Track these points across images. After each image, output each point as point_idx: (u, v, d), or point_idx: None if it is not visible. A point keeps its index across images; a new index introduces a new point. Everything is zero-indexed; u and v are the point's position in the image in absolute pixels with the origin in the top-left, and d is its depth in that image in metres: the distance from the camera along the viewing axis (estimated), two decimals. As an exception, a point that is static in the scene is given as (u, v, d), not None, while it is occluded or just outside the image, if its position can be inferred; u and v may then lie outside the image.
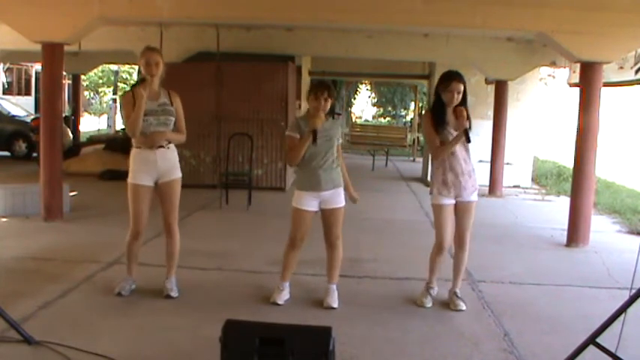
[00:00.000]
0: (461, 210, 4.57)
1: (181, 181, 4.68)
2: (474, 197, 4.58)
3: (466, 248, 4.63)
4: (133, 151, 4.54)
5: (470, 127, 4.42)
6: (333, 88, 4.60)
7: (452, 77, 4.48)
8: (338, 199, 4.53)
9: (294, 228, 4.51)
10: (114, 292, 4.58)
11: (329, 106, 4.45)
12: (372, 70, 15.81)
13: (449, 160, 4.48)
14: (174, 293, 4.62)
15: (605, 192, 11.22)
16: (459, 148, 4.49)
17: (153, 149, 4.48)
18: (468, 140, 4.41)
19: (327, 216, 4.53)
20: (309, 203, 4.47)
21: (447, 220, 4.55)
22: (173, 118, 4.57)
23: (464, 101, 4.49)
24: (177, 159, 4.65)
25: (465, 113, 4.39)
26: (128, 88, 4.58)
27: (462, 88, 4.45)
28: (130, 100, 4.45)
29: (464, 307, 4.58)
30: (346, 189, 4.62)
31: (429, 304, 4.60)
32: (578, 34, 6.57)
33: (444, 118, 4.48)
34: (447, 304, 4.66)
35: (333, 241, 4.57)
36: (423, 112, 19.32)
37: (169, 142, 4.57)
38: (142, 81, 4.54)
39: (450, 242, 4.64)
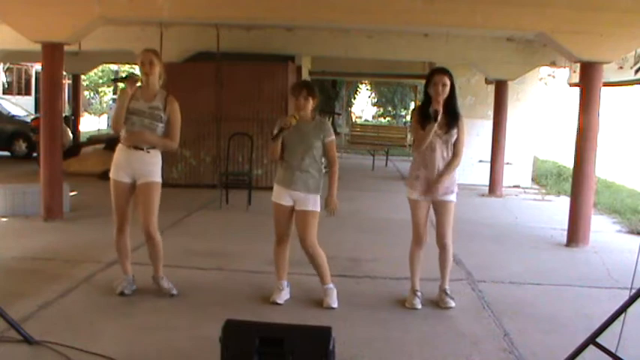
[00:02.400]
0: (436, 209, 4.59)
1: (160, 187, 4.57)
2: (451, 197, 4.55)
3: (448, 249, 4.61)
4: (117, 147, 4.57)
5: (440, 111, 4.34)
6: (313, 87, 4.56)
7: (434, 71, 4.55)
8: (310, 202, 4.44)
9: (274, 223, 4.56)
10: (116, 292, 4.58)
11: (311, 105, 4.44)
12: (372, 70, 15.80)
13: (425, 156, 4.49)
14: (174, 291, 4.63)
15: (605, 192, 11.22)
16: (439, 146, 4.47)
17: (131, 148, 4.46)
18: (435, 119, 4.33)
19: (297, 217, 4.49)
20: (283, 198, 4.47)
21: (420, 214, 4.57)
22: (160, 124, 4.48)
23: (452, 97, 4.47)
24: (156, 164, 4.54)
25: (440, 99, 4.36)
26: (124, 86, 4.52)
27: (447, 81, 4.42)
28: (123, 97, 4.43)
29: (453, 305, 4.58)
30: (329, 192, 4.45)
31: (419, 306, 4.59)
32: (578, 34, 6.57)
33: (427, 113, 4.46)
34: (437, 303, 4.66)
35: (303, 245, 4.49)
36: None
37: (151, 147, 4.47)
38: (128, 77, 4.48)
39: (426, 237, 4.64)
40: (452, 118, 4.47)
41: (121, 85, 4.72)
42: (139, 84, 4.43)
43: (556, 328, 4.31)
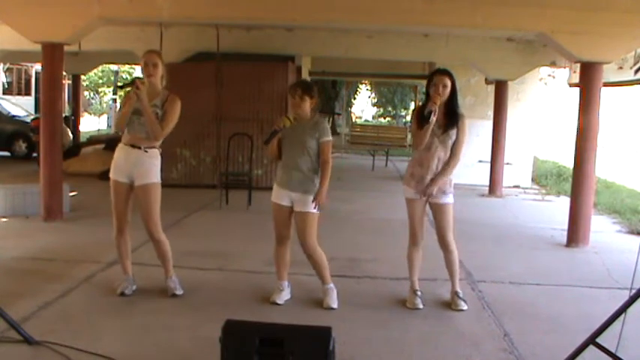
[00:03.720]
0: (434, 211, 4.59)
1: (159, 187, 4.55)
2: (447, 199, 4.54)
3: (451, 250, 4.61)
4: (117, 146, 4.57)
5: (434, 112, 4.32)
6: (310, 86, 4.55)
7: (435, 71, 4.54)
8: (308, 204, 4.41)
9: (274, 222, 4.55)
10: (116, 293, 4.58)
11: (308, 105, 4.43)
12: (372, 70, 15.81)
13: (422, 155, 4.49)
14: (178, 291, 4.63)
15: (605, 192, 11.23)
16: (438, 147, 4.46)
17: (129, 147, 4.45)
18: (427, 117, 4.33)
19: (295, 219, 4.49)
20: (282, 198, 4.47)
21: (415, 213, 4.58)
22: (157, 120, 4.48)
23: (452, 98, 4.46)
24: (154, 165, 4.51)
25: (437, 100, 4.35)
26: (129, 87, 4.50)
27: (448, 82, 4.42)
28: (127, 99, 4.44)
29: (465, 307, 4.58)
30: (317, 193, 4.37)
31: (421, 305, 4.59)
32: (578, 34, 6.57)
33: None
34: (448, 304, 4.66)
35: (303, 247, 4.49)
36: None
37: (150, 147, 4.47)
38: (132, 82, 4.45)
39: (422, 236, 4.65)
40: (451, 118, 4.46)
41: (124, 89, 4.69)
42: (144, 82, 4.42)
43: (556, 328, 4.31)
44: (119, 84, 4.53)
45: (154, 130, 4.42)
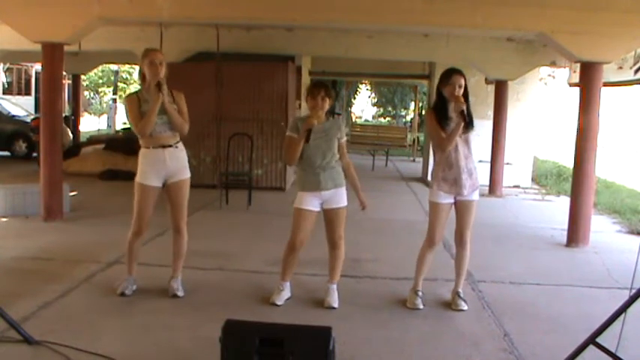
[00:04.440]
0: (461, 208, 4.56)
1: (190, 181, 4.67)
2: (474, 196, 4.56)
3: (467, 247, 4.62)
4: (142, 151, 4.54)
5: (468, 111, 4.39)
6: (330, 87, 4.58)
7: (453, 71, 4.53)
8: (340, 198, 4.52)
9: (296, 229, 4.48)
10: (117, 292, 4.58)
11: (327, 105, 4.44)
12: (372, 70, 15.81)
13: (450, 156, 4.47)
14: (180, 293, 4.62)
15: (605, 192, 11.22)
16: (460, 145, 4.47)
17: (160, 148, 4.48)
18: (467, 119, 4.37)
19: (329, 216, 4.52)
20: (311, 203, 4.45)
21: (441, 218, 4.56)
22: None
23: (465, 98, 4.49)
24: (186, 159, 4.63)
25: (460, 98, 4.39)
26: (132, 91, 4.53)
27: (464, 82, 4.46)
28: (135, 103, 4.46)
29: (466, 307, 4.58)
30: (357, 194, 4.62)
31: (421, 306, 4.59)
32: (578, 34, 6.57)
33: (446, 114, 4.48)
34: (448, 304, 4.66)
35: (335, 241, 4.56)
36: (424, 111, 19.32)
37: (177, 142, 4.56)
38: (153, 82, 4.44)
39: (441, 240, 4.64)
40: (469, 117, 4.47)
41: (121, 86, 4.70)
42: (164, 86, 4.44)
43: (556, 328, 4.31)
44: (155, 84, 4.45)
45: (182, 126, 4.55)
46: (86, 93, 31.35)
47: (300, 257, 4.67)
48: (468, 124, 4.45)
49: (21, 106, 16.78)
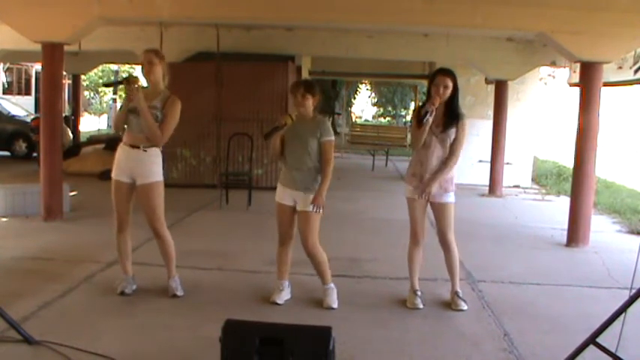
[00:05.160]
0: (435, 211, 4.59)
1: (162, 185, 4.55)
2: (448, 198, 4.53)
3: (451, 249, 4.60)
4: (119, 146, 4.56)
5: (430, 113, 4.34)
6: (312, 85, 4.53)
7: (437, 71, 4.53)
8: (308, 202, 4.40)
9: (277, 222, 4.56)
10: (116, 292, 4.58)
11: (310, 103, 4.42)
12: (372, 70, 15.80)
13: (421, 154, 4.50)
14: (179, 292, 4.62)
15: (605, 192, 11.23)
16: (436, 145, 4.46)
17: (129, 147, 4.45)
18: (422, 117, 4.35)
19: (298, 218, 4.49)
20: (285, 198, 4.48)
21: (416, 213, 4.58)
22: (156, 124, 4.42)
23: (453, 98, 4.46)
24: (155, 163, 4.49)
25: (436, 101, 4.35)
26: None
27: (449, 82, 4.41)
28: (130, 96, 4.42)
29: (465, 307, 4.58)
30: (316, 193, 4.35)
31: (421, 305, 4.59)
32: (578, 34, 6.57)
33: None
34: (448, 304, 4.66)
35: (305, 246, 4.47)
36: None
37: (147, 146, 4.44)
38: (126, 79, 4.37)
39: (423, 236, 4.65)
40: (451, 118, 4.45)
41: (121, 86, 4.66)
42: (137, 84, 4.37)
43: (556, 328, 4.31)
44: (104, 82, 4.43)
45: (153, 135, 4.40)
46: (86, 93, 31.34)
47: (299, 257, 4.67)
48: (446, 125, 4.43)
49: (21, 106, 16.79)
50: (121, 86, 4.48)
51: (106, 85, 3.91)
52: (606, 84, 8.13)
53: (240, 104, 10.00)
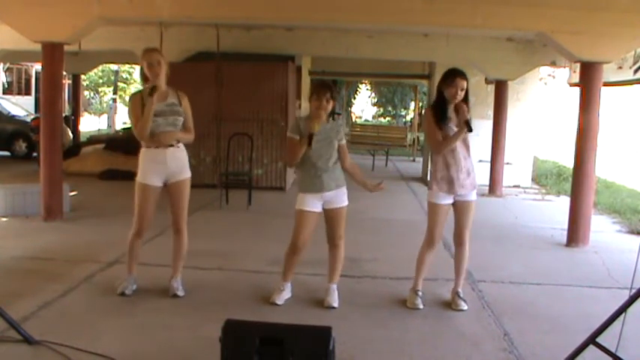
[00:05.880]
0: (460, 208, 4.57)
1: (190, 181, 4.68)
2: (473, 196, 4.57)
3: (466, 247, 4.62)
4: (143, 151, 4.54)
5: (470, 121, 4.41)
6: (335, 89, 4.60)
7: (456, 74, 4.50)
8: (341, 198, 4.54)
9: (298, 230, 4.47)
10: (117, 292, 4.58)
11: (330, 107, 4.43)
12: (372, 70, 15.82)
13: (448, 157, 4.48)
14: (180, 292, 4.62)
15: (605, 192, 11.22)
16: (459, 145, 4.48)
17: (162, 148, 4.48)
18: (470, 129, 4.39)
19: (330, 216, 4.52)
20: (313, 204, 4.46)
21: (440, 219, 4.56)
22: (181, 118, 4.57)
23: (465, 100, 4.50)
24: (187, 158, 4.65)
25: (465, 107, 4.42)
26: (136, 90, 4.55)
27: (466, 85, 4.46)
28: (138, 103, 4.45)
29: (465, 307, 4.58)
30: (366, 187, 4.74)
31: (421, 305, 4.59)
32: (578, 34, 6.57)
33: (445, 114, 4.48)
34: (448, 304, 4.66)
35: (336, 241, 4.58)
36: (424, 110, 19.31)
37: (179, 142, 4.58)
38: (149, 86, 4.45)
39: (440, 240, 4.64)
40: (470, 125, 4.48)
41: (121, 86, 4.70)
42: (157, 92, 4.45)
43: (556, 328, 4.31)
44: (149, 91, 4.40)
45: (189, 140, 4.70)
46: (86, 93, 31.35)
47: (300, 257, 4.66)
48: (470, 128, 4.45)
49: (21, 106, 16.79)
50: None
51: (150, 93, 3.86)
52: (606, 84, 8.14)
53: (240, 104, 10.00)
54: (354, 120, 29.81)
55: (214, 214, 8.24)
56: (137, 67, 20.86)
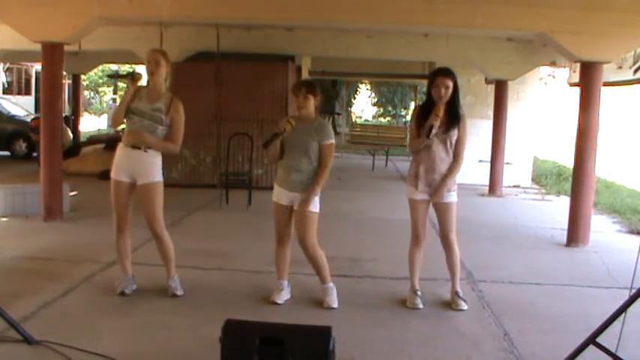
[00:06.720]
0: (438, 211, 4.58)
1: (162, 186, 4.55)
2: (451, 198, 4.53)
3: (453, 249, 4.61)
4: (118, 145, 4.56)
5: (436, 126, 4.33)
6: (313, 85, 4.52)
7: (437, 72, 4.51)
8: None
9: (275, 222, 4.57)
10: (116, 292, 4.58)
11: (312, 103, 4.41)
12: (372, 70, 15.81)
13: (422, 154, 4.49)
14: (179, 292, 4.62)
15: (605, 192, 11.23)
16: (436, 147, 4.45)
17: (129, 147, 4.45)
18: (427, 135, 4.34)
19: (295, 218, 4.49)
20: (282, 197, 4.48)
21: (419, 214, 4.58)
22: (160, 126, 4.44)
23: (454, 98, 4.44)
24: (155, 164, 4.50)
25: (439, 111, 4.34)
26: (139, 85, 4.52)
27: (450, 83, 4.39)
28: (129, 93, 4.44)
29: (465, 307, 4.58)
30: (310, 190, 4.37)
31: (421, 305, 4.59)
32: (578, 34, 6.57)
33: (428, 114, 4.44)
34: (448, 304, 4.66)
35: (302, 244, 4.48)
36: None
37: (147, 147, 4.43)
38: (129, 74, 4.47)
39: (424, 237, 4.65)
40: (452, 119, 4.44)
41: (121, 86, 4.73)
42: (140, 83, 4.42)
43: (556, 328, 4.31)
44: (112, 74, 4.41)
45: (168, 150, 4.52)
46: (86, 93, 31.34)
47: (299, 256, 4.67)
48: (448, 125, 4.43)
49: (21, 106, 16.79)
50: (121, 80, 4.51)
51: (110, 76, 3.92)
52: (606, 84, 8.14)
53: (240, 104, 10.00)
54: (354, 120, 29.80)
55: (214, 214, 8.24)
56: (137, 67, 20.86)
